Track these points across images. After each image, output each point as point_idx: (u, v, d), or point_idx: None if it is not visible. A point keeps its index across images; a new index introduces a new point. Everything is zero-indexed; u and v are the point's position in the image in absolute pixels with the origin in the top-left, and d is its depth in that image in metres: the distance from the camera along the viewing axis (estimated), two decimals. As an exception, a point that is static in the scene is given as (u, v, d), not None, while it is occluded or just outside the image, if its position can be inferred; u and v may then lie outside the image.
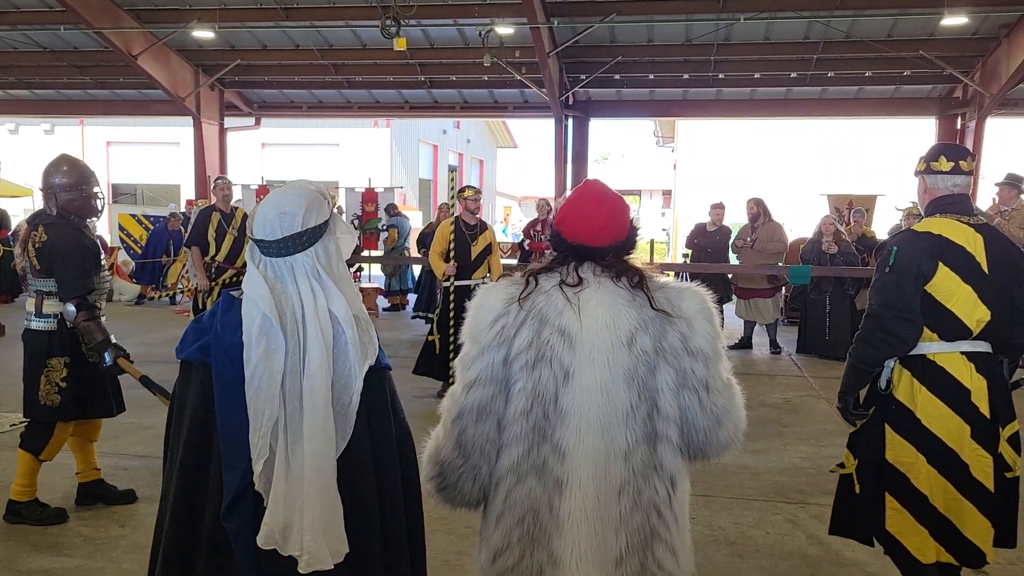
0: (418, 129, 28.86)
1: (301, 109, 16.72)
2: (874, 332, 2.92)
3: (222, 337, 1.86)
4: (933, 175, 3.04)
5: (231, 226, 7.60)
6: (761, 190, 11.24)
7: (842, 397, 3.09)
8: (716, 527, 4.27)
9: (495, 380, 1.99)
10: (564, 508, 1.96)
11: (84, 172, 4.23)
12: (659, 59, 13.38)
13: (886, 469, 2.94)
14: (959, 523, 2.87)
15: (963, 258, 2.87)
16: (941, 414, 2.86)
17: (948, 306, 2.85)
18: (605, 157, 46.56)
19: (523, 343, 1.97)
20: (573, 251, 2.08)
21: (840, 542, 4.00)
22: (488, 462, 2.02)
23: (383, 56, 13.71)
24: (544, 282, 2.03)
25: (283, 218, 1.87)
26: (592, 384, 1.96)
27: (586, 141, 14.88)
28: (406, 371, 7.37)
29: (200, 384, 1.89)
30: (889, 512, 2.93)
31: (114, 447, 5.46)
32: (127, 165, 28.38)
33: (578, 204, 2.14)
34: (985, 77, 12.56)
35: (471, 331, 2.05)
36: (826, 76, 13.39)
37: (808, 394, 7.53)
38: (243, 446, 1.81)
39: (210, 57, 14.57)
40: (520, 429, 1.97)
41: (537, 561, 1.97)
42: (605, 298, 2.01)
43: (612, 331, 1.98)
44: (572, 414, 1.95)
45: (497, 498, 2.01)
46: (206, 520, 1.86)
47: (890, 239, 3.10)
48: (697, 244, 10.35)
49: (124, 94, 16.41)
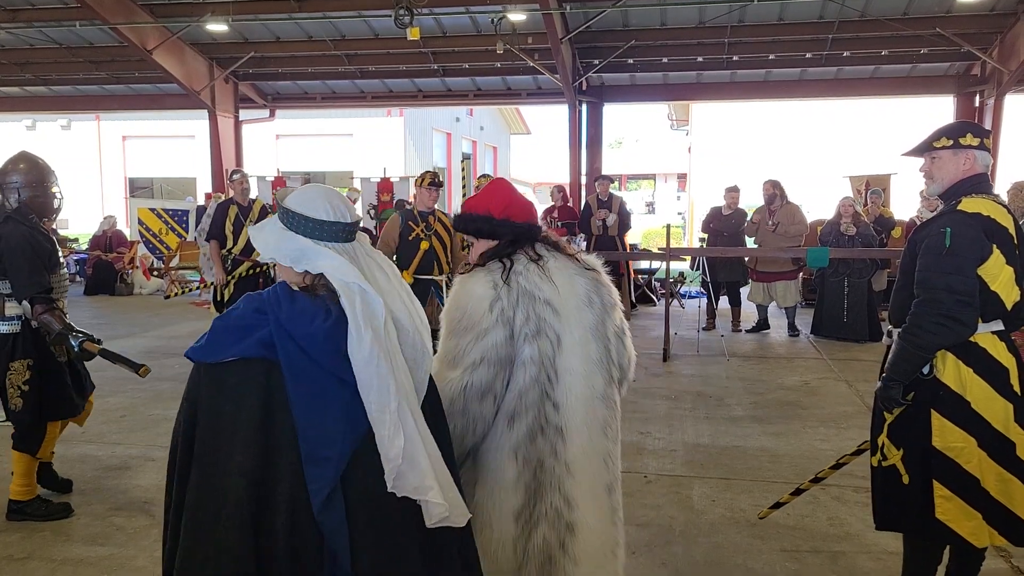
0: (431, 118, 28.84)
1: (315, 100, 16.77)
2: (935, 318, 2.79)
3: (290, 328, 1.77)
4: (984, 151, 2.96)
5: (248, 219, 7.66)
6: (777, 172, 11.19)
7: (890, 385, 2.91)
8: (737, 509, 4.30)
9: (499, 360, 2.21)
10: (569, 453, 2.25)
11: (44, 170, 4.18)
12: (672, 42, 13.31)
13: (934, 456, 2.87)
14: (1010, 503, 2.85)
15: (1008, 240, 2.85)
16: (988, 396, 2.83)
17: (993, 288, 2.82)
18: (619, 142, 46.38)
19: (522, 319, 2.23)
20: (524, 232, 2.37)
21: (861, 523, 4.03)
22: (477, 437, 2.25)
23: (396, 46, 13.72)
24: (515, 264, 2.30)
25: (350, 206, 1.93)
26: (574, 342, 2.28)
27: (600, 126, 14.84)
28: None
29: (262, 381, 1.77)
30: (938, 500, 2.86)
31: (142, 439, 5.55)
32: (143, 159, 28.56)
33: (512, 194, 2.47)
34: (1003, 54, 12.40)
35: (466, 320, 2.23)
36: (841, 56, 13.26)
37: (827, 376, 7.53)
38: (332, 436, 1.76)
39: (224, 50, 14.64)
40: (533, 396, 2.23)
41: (554, 505, 2.23)
42: (562, 267, 2.36)
43: (576, 294, 2.33)
44: (564, 372, 2.26)
45: (504, 463, 2.24)
46: (278, 526, 1.75)
47: (934, 221, 2.95)
48: (713, 228, 10.32)
49: (139, 89, 16.52)
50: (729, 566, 3.68)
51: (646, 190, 45.07)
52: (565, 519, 2.23)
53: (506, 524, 2.22)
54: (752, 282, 10.04)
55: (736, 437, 5.62)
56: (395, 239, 6.32)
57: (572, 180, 14.28)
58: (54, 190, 4.19)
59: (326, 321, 1.78)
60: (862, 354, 8.40)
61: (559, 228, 10.72)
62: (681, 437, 5.64)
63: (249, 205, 7.78)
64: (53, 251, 4.13)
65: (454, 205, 29.46)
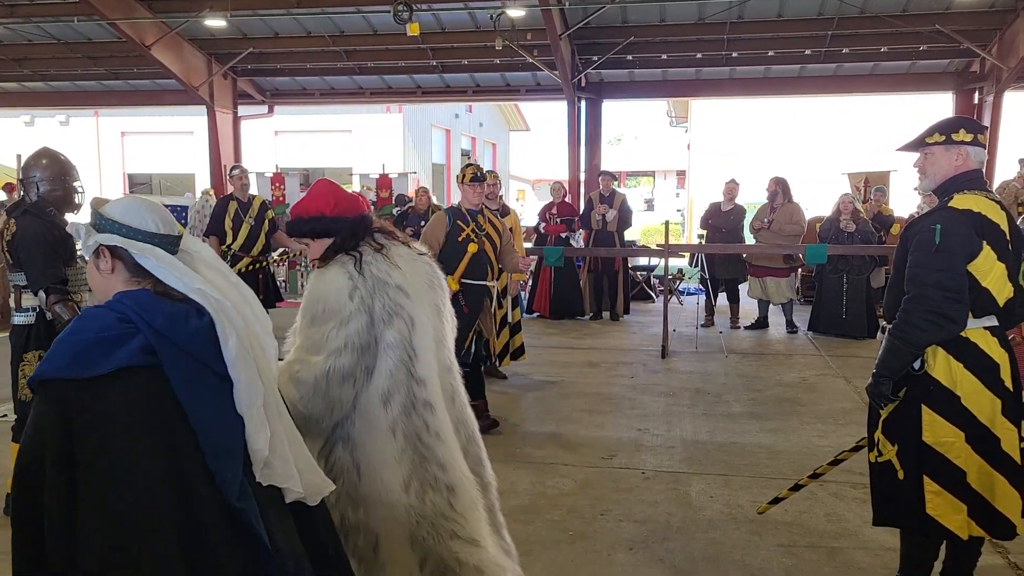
0: (430, 114, 28.82)
1: (313, 96, 16.74)
2: (924, 314, 2.82)
3: (168, 332, 1.76)
4: (979, 148, 2.97)
5: (247, 215, 7.66)
6: (776, 169, 11.19)
7: (880, 381, 2.95)
8: (735, 505, 4.30)
9: (361, 347, 2.35)
10: (437, 423, 2.46)
11: (65, 164, 4.24)
12: (671, 39, 13.29)
13: (924, 451, 2.89)
14: (991, 497, 2.88)
15: (999, 237, 2.86)
16: (976, 390, 2.85)
17: (984, 284, 2.84)
18: (618, 139, 46.37)
19: (380, 306, 2.37)
20: (359, 224, 2.50)
21: (859, 519, 4.03)
22: (333, 420, 2.39)
23: (395, 42, 13.69)
24: (363, 254, 2.44)
25: (172, 219, 1.98)
26: (424, 322, 2.47)
27: (599, 123, 14.82)
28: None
29: (152, 388, 1.75)
30: (928, 496, 2.88)
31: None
32: (142, 155, 28.53)
33: (338, 191, 2.61)
34: (1003, 50, 12.39)
35: (328, 310, 2.36)
36: (841, 53, 13.24)
37: (825, 373, 7.53)
38: (231, 430, 1.80)
39: (222, 46, 14.61)
40: (400, 376, 2.40)
41: (432, 473, 2.43)
42: (403, 253, 2.53)
43: (420, 277, 2.53)
44: (421, 350, 2.45)
45: (384, 442, 2.39)
46: (209, 524, 1.75)
47: (925, 217, 2.97)
48: (711, 224, 10.31)
49: (138, 84, 16.49)
50: (727, 562, 3.68)
51: (645, 187, 45.06)
52: (444, 482, 2.43)
53: (398, 496, 2.38)
54: (749, 277, 10.05)
55: (734, 433, 5.62)
56: (440, 240, 5.59)
57: (571, 177, 14.26)
58: (75, 184, 4.25)
59: (202, 320, 1.80)
60: (860, 351, 8.40)
61: (558, 224, 10.72)
62: (679, 433, 5.64)
63: (249, 201, 7.78)
64: (70, 244, 4.18)
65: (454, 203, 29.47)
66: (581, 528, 4.03)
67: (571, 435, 5.58)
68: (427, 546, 2.40)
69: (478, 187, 5.70)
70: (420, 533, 2.40)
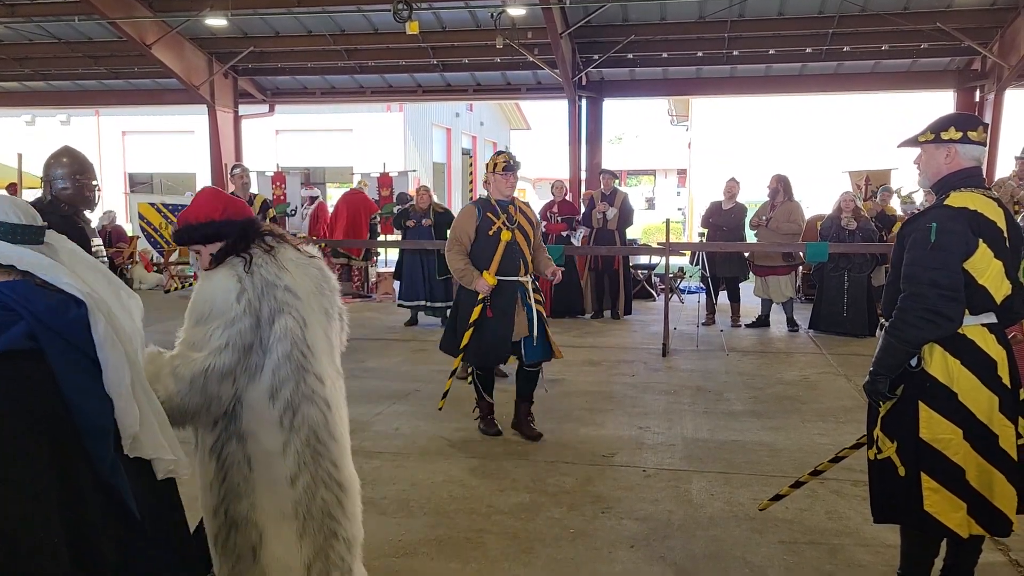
0: (431, 113, 28.82)
1: (314, 95, 16.75)
2: (919, 312, 2.82)
3: (48, 320, 1.85)
4: (970, 145, 2.97)
5: (248, 214, 7.66)
6: (777, 167, 11.17)
7: (877, 378, 2.94)
8: (736, 503, 4.30)
9: (243, 347, 2.37)
10: (333, 421, 2.54)
11: (83, 163, 4.33)
12: (672, 37, 13.28)
13: (922, 448, 2.89)
14: (989, 494, 2.88)
15: (996, 234, 2.86)
16: (973, 387, 2.85)
17: (981, 282, 2.84)
18: (619, 137, 46.34)
19: (267, 308, 2.40)
20: (248, 227, 2.53)
21: (860, 517, 4.03)
22: (211, 416, 2.42)
23: (395, 40, 13.69)
24: (254, 257, 2.46)
25: (34, 211, 2.05)
26: (315, 323, 2.52)
27: (600, 122, 14.82)
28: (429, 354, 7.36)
29: (35, 371, 1.83)
30: (926, 492, 2.88)
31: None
32: (143, 154, 28.53)
33: (224, 196, 2.64)
34: (1004, 48, 12.38)
35: (215, 311, 2.37)
36: (841, 51, 13.24)
37: (826, 371, 7.53)
38: (102, 410, 1.90)
39: (223, 45, 14.62)
40: (287, 370, 2.43)
41: (326, 469, 2.50)
42: (293, 256, 2.56)
43: (309, 280, 2.55)
44: (315, 348, 2.49)
45: (274, 435, 2.42)
46: (86, 495, 1.85)
47: (922, 215, 2.97)
48: (712, 223, 10.30)
49: (139, 84, 16.50)
50: (727, 559, 3.68)
51: (646, 186, 45.05)
52: (336, 479, 2.51)
53: (284, 489, 2.43)
54: (754, 276, 10.06)
55: (735, 431, 5.62)
56: (470, 234, 5.29)
57: (572, 175, 14.27)
58: (93, 183, 4.33)
59: (79, 309, 1.89)
60: (861, 349, 8.39)
61: (559, 222, 10.72)
62: (680, 431, 5.64)
63: (250, 200, 7.78)
64: (82, 242, 4.18)
65: (455, 201, 29.49)
66: (582, 526, 4.04)
67: (572, 433, 5.59)
68: (316, 545, 2.46)
69: (511, 176, 5.32)
70: (308, 529, 2.45)
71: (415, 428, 5.71)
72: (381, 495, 4.42)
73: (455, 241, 5.35)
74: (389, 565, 3.61)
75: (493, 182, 5.35)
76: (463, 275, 5.27)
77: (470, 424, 5.79)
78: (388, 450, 5.21)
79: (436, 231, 10.21)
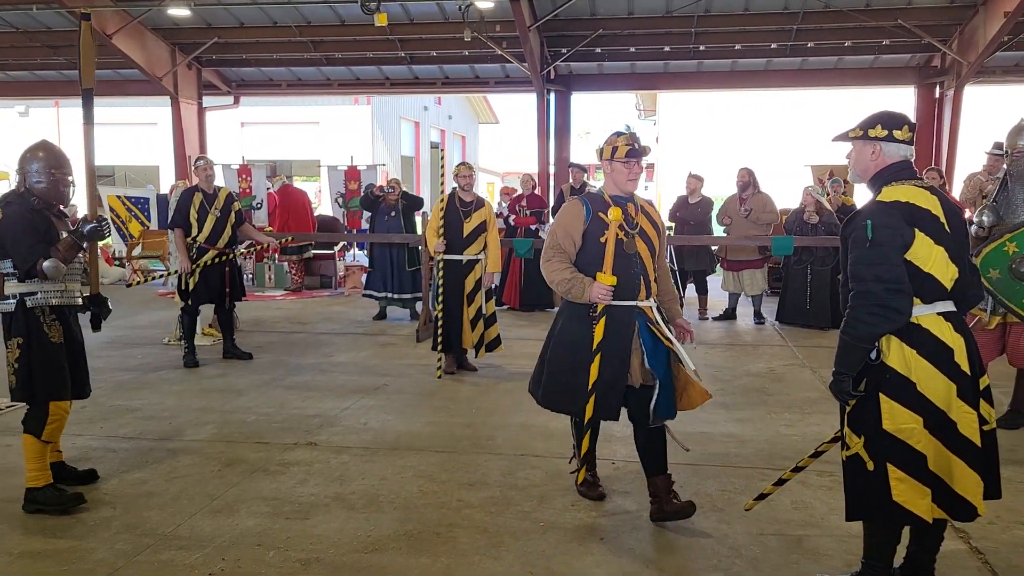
0: (399, 106, 28.65)
1: (280, 87, 16.58)
2: (869, 308, 2.87)
3: None
4: (895, 144, 3.05)
5: (213, 207, 7.54)
6: (743, 162, 11.27)
7: (840, 378, 2.98)
8: (704, 494, 4.34)
9: None
10: None
11: (59, 158, 4.36)
12: (640, 32, 13.35)
13: (886, 439, 2.93)
14: (950, 480, 2.93)
15: (932, 221, 2.93)
16: (931, 376, 2.90)
17: (926, 270, 2.91)
18: (588, 132, 46.40)
19: None
20: None
21: (825, 507, 4.09)
22: None
23: (362, 32, 13.59)
24: None
25: None
26: None
27: (568, 115, 14.85)
28: (397, 348, 7.33)
29: None
30: (893, 483, 2.92)
31: (103, 429, 5.46)
32: (105, 147, 27.91)
33: None
34: (963, 46, 12.61)
35: None
36: (806, 47, 13.41)
37: (792, 363, 7.62)
38: None
39: (186, 35, 14.40)
40: None
41: None
42: None
43: None
44: None
45: None
46: None
47: (857, 215, 3.02)
48: (679, 217, 10.38)
49: (100, 75, 15.95)
50: (695, 550, 3.71)
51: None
52: None
53: None
54: (724, 271, 10.13)
55: (703, 423, 5.66)
56: (577, 240, 3.97)
57: (540, 169, 14.28)
58: (65, 177, 4.35)
59: None
60: (825, 340, 8.51)
61: (528, 216, 10.72)
62: (648, 424, 5.67)
63: (214, 192, 7.66)
64: (52, 235, 4.23)
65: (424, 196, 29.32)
66: (552, 519, 4.04)
67: (542, 426, 5.59)
68: None
69: (635, 165, 3.99)
70: None
71: (384, 423, 5.68)
72: (349, 490, 4.40)
73: (555, 249, 4.03)
74: (358, 560, 3.58)
75: (611, 172, 4.03)
76: (569, 287, 3.92)
77: (440, 419, 5.78)
78: (356, 445, 5.18)
79: (404, 217, 10.18)
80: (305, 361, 7.69)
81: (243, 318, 9.61)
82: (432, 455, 4.99)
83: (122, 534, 3.86)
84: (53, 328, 4.18)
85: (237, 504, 4.21)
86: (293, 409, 6.02)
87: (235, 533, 3.86)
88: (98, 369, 3.94)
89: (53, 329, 4.18)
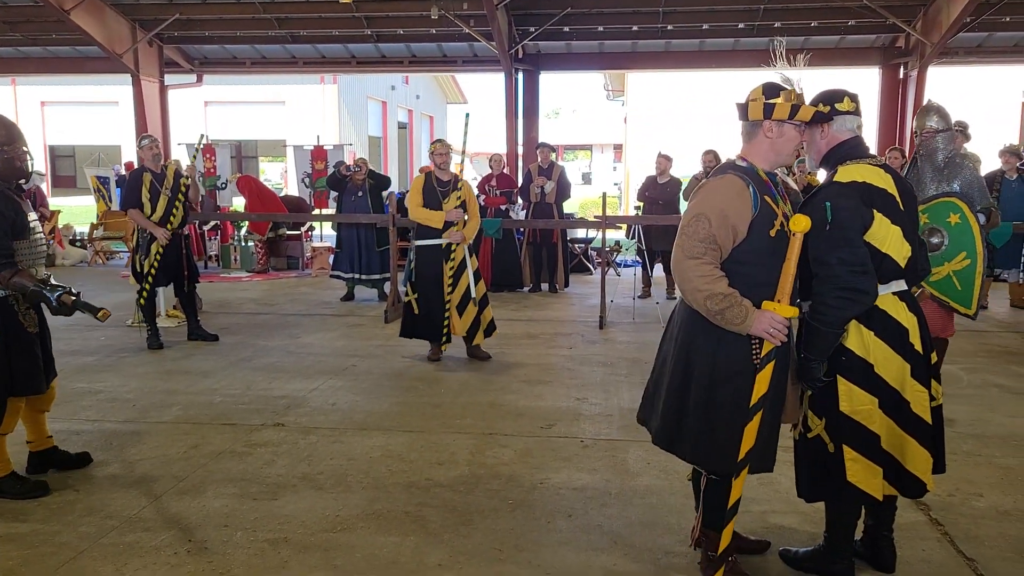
0: (366, 85, 28.36)
1: (244, 65, 16.27)
2: (836, 292, 2.82)
3: None
4: (841, 116, 3.03)
5: (163, 186, 7.38)
6: (711, 142, 11.32)
7: (811, 365, 2.94)
8: (671, 472, 4.38)
9: None
10: None
11: (11, 132, 4.05)
12: (608, 10, 13.30)
13: (842, 421, 2.97)
14: (901, 458, 2.99)
15: (888, 200, 2.92)
16: (887, 357, 2.94)
17: (884, 250, 2.91)
18: (556, 112, 46.35)
19: None
20: None
21: (789, 482, 4.14)
22: None
23: (328, 9, 13.38)
24: None
25: None
26: None
27: (536, 95, 14.78)
28: (366, 329, 7.28)
29: None
30: (848, 463, 2.96)
31: (65, 412, 5.37)
32: (64, 126, 27.43)
33: None
34: (926, 26, 12.74)
35: None
36: (773, 27, 13.45)
37: (758, 341, 7.70)
38: None
39: (147, 11, 14.08)
40: None
41: None
42: None
43: None
44: None
45: None
46: None
47: (813, 196, 2.99)
48: (648, 196, 10.42)
49: (58, 51, 15.78)
50: (662, 527, 3.76)
51: (583, 160, 45.23)
52: None
53: None
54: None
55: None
56: (742, 230, 2.85)
57: (509, 149, 14.22)
58: (23, 150, 4.07)
59: None
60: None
61: (498, 196, 10.69)
62: (617, 403, 5.72)
63: (162, 171, 7.48)
64: (19, 216, 4.00)
65: (391, 172, 29.06)
66: (521, 497, 4.06)
67: (510, 405, 5.61)
68: None
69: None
70: None
71: (352, 403, 5.66)
72: (318, 470, 4.38)
73: (708, 243, 2.85)
74: (327, 540, 3.58)
75: (774, 136, 3.00)
76: (723, 308, 2.80)
77: (408, 398, 5.77)
78: (324, 425, 5.16)
79: (371, 197, 10.08)
80: (272, 342, 7.63)
81: (208, 299, 9.49)
82: (401, 435, 4.98)
83: (86, 517, 3.81)
84: (28, 317, 4.06)
85: (204, 485, 4.17)
86: (260, 390, 5.97)
87: (202, 514, 3.83)
88: (60, 352, 3.86)
89: (28, 319, 4.06)
